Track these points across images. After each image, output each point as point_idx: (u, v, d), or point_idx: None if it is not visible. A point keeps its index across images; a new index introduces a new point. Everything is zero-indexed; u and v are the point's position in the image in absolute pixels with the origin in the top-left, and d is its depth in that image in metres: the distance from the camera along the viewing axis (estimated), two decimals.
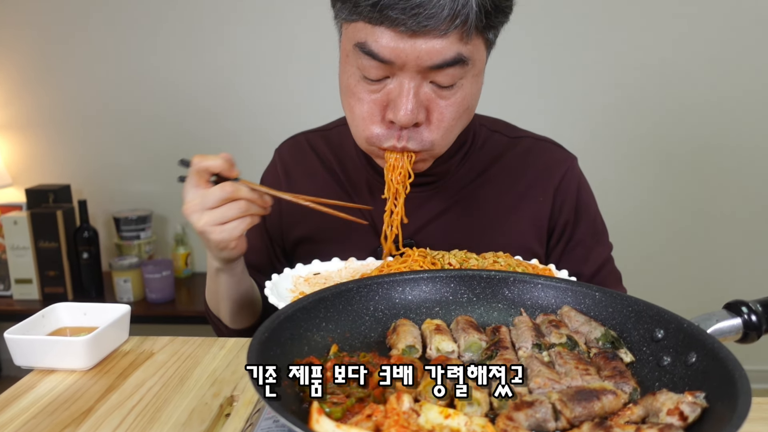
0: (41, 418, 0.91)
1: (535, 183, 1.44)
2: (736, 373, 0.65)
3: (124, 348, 1.16)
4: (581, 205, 1.46)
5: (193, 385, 1.01)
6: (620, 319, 0.87)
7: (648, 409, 0.69)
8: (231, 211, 1.14)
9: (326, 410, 0.67)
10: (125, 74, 3.42)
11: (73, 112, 3.49)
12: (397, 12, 1.03)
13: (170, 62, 3.39)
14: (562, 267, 1.43)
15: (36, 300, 3.19)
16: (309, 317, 0.85)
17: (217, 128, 3.42)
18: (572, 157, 1.49)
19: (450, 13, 1.03)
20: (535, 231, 1.43)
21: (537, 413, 0.68)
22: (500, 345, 0.84)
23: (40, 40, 3.41)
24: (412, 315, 0.94)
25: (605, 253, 1.47)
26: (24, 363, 1.05)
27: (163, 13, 3.32)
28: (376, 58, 1.10)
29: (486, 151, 1.45)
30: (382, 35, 1.07)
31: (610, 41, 3.22)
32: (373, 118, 1.18)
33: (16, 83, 3.47)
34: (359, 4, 1.06)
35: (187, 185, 1.16)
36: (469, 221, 1.42)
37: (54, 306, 1.15)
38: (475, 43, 1.11)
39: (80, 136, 3.52)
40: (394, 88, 1.14)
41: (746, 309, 0.84)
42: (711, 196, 3.35)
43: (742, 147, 3.27)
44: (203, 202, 1.13)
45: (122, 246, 3.35)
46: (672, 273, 3.44)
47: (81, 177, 3.54)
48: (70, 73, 3.44)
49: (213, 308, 1.44)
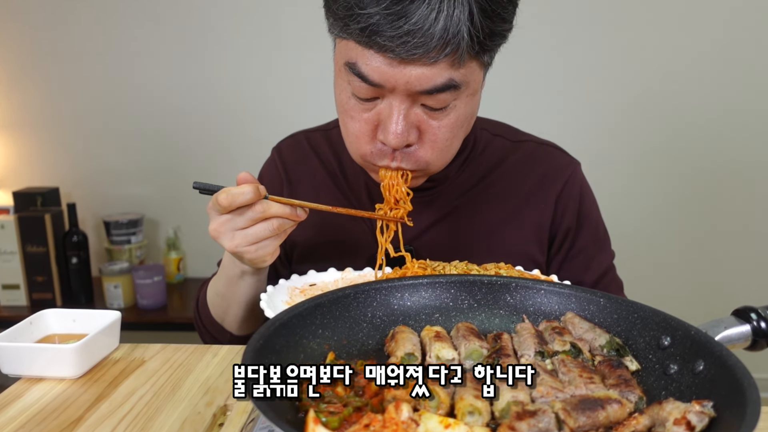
0: (29, 427, 0.91)
1: (537, 189, 1.44)
2: (744, 381, 0.65)
3: (115, 356, 1.16)
4: (584, 212, 1.46)
5: (185, 394, 1.01)
6: (626, 326, 0.87)
7: (654, 419, 0.69)
8: (264, 231, 1.13)
9: (323, 420, 0.67)
10: (115, 75, 3.41)
11: (62, 112, 3.48)
12: (386, 39, 1.02)
13: (161, 64, 3.38)
14: (563, 274, 1.44)
15: (24, 306, 3.17)
16: (305, 324, 0.85)
17: (209, 131, 3.42)
18: (575, 162, 1.49)
19: (440, 43, 1.01)
20: (536, 238, 1.43)
21: (540, 423, 0.68)
22: (502, 352, 0.84)
23: (28, 39, 3.40)
24: (411, 322, 0.94)
25: (607, 261, 1.47)
26: (11, 371, 1.05)
27: (154, 15, 3.32)
28: (365, 81, 1.09)
29: (487, 156, 1.45)
30: (372, 58, 1.06)
31: (620, 44, 3.22)
32: (366, 137, 1.18)
33: (3, 82, 3.46)
34: (349, 26, 1.05)
35: (213, 208, 1.14)
36: (468, 227, 1.41)
37: (42, 312, 1.15)
38: (469, 67, 1.10)
39: (69, 137, 3.51)
40: (384, 109, 1.13)
41: (755, 315, 0.84)
42: (719, 202, 3.35)
43: (750, 151, 3.28)
44: (233, 224, 1.13)
45: (112, 251, 3.34)
46: (679, 279, 3.44)
47: (70, 179, 3.53)
48: (59, 72, 3.44)
49: (218, 316, 1.41)
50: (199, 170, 3.44)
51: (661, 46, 3.21)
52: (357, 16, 1.02)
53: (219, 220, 1.14)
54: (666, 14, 3.17)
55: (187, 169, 3.46)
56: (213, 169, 3.44)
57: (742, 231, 3.37)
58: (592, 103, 3.30)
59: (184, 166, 3.47)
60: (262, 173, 1.58)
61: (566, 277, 1.43)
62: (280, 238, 1.16)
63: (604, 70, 3.26)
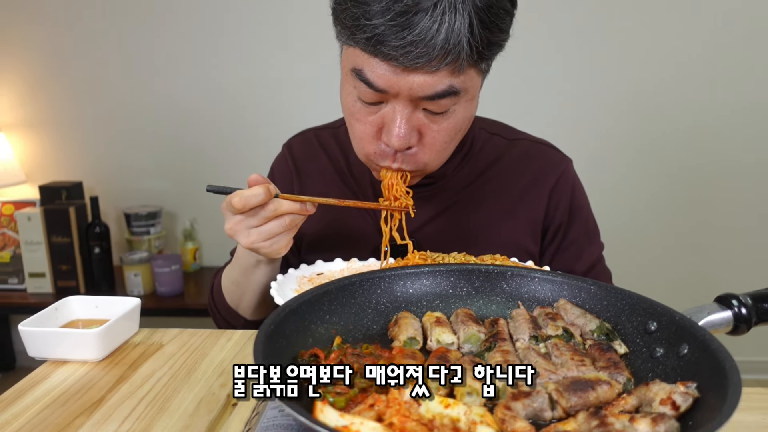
0: (54, 407, 0.92)
1: (531, 185, 1.44)
2: (726, 364, 0.65)
3: (135, 340, 1.16)
4: (575, 206, 1.46)
5: (201, 376, 1.01)
6: (614, 312, 0.87)
7: (641, 399, 0.69)
8: (277, 228, 1.14)
9: (330, 400, 0.67)
10: (135, 78, 3.42)
11: (85, 111, 3.49)
12: (390, 49, 1.02)
13: (177, 69, 3.39)
14: (555, 265, 1.44)
15: (49, 293, 3.19)
16: (313, 310, 0.85)
17: (222, 130, 3.43)
18: (567, 159, 1.50)
19: (441, 52, 1.02)
20: (530, 231, 1.43)
21: (534, 403, 0.68)
22: (498, 337, 0.84)
23: (53, 41, 3.41)
24: (413, 308, 0.94)
25: (597, 252, 1.48)
26: (37, 354, 1.06)
27: (173, 15, 3.33)
28: (371, 87, 1.10)
29: (484, 153, 1.46)
30: (378, 66, 1.07)
31: (612, 48, 3.21)
32: (371, 138, 1.19)
33: (30, 84, 3.47)
34: (356, 35, 1.06)
35: (227, 208, 1.15)
36: (466, 221, 1.42)
37: (66, 299, 1.16)
38: (468, 74, 1.10)
39: (92, 134, 3.51)
40: (388, 113, 1.14)
41: (737, 302, 0.84)
42: (704, 198, 3.36)
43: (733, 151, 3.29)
44: (248, 223, 1.14)
45: (132, 241, 3.35)
46: (666, 269, 3.45)
47: (93, 174, 3.54)
48: (82, 73, 3.44)
49: (233, 302, 1.41)
50: (213, 166, 3.45)
51: (652, 49, 3.20)
52: (363, 26, 1.03)
53: (234, 220, 1.15)
54: (656, 19, 3.17)
55: (202, 166, 3.47)
56: (226, 165, 3.44)
57: (725, 224, 3.38)
58: (584, 104, 3.30)
59: (200, 163, 3.48)
60: (273, 168, 1.58)
61: (558, 267, 1.43)
62: (292, 231, 1.18)
63: (597, 73, 3.26)
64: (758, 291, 0.86)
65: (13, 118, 3.52)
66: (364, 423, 0.60)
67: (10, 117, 3.52)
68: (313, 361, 0.77)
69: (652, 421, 0.61)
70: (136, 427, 0.86)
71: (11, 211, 3.29)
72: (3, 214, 3.31)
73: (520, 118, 1.82)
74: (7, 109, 3.51)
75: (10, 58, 3.46)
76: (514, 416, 0.66)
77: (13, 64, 3.46)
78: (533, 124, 1.75)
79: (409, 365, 0.71)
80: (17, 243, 3.26)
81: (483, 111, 1.47)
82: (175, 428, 0.86)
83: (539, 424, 0.68)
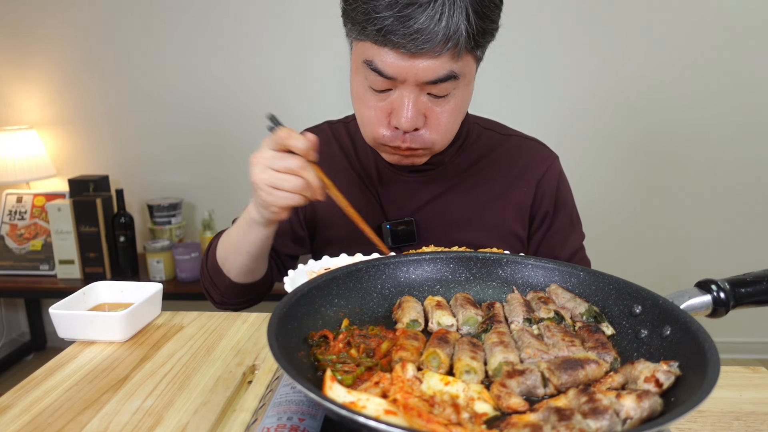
0: (82, 385, 0.92)
1: (521, 175, 1.47)
2: (706, 344, 0.65)
3: (157, 322, 1.16)
4: (560, 198, 1.49)
5: (218, 355, 1.02)
6: (602, 296, 0.87)
7: (627, 377, 0.69)
8: (288, 183, 1.11)
9: (338, 378, 0.67)
10: (157, 77, 3.41)
11: (111, 109, 3.48)
12: (398, 37, 1.08)
13: (197, 68, 3.38)
14: (542, 250, 1.49)
15: (78, 279, 3.19)
16: (323, 294, 0.85)
17: (239, 125, 3.42)
18: (554, 155, 1.53)
19: (443, 38, 1.08)
20: (518, 216, 1.46)
21: (527, 380, 0.68)
22: (495, 319, 0.84)
23: (81, 43, 3.40)
24: (415, 292, 0.94)
25: (578, 242, 1.52)
26: (67, 335, 1.06)
27: (195, 10, 3.31)
28: (381, 75, 1.15)
29: (479, 145, 1.49)
30: (387, 55, 1.13)
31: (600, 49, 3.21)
32: (380, 123, 1.23)
33: (60, 83, 3.47)
34: (366, 29, 1.12)
35: (266, 142, 1.14)
36: (461, 203, 1.44)
37: (94, 284, 1.16)
38: (465, 60, 1.16)
39: (118, 131, 3.52)
40: (396, 99, 1.19)
41: (715, 287, 0.84)
42: (685, 192, 3.37)
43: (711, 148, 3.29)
44: (271, 161, 1.12)
45: (155, 230, 3.35)
46: (649, 256, 3.45)
47: (118, 168, 3.54)
48: (108, 73, 3.44)
49: (221, 258, 1.39)
50: (231, 160, 3.45)
51: (637, 53, 3.20)
52: (374, 19, 1.09)
53: (264, 154, 1.13)
54: (645, 20, 3.15)
55: (220, 160, 3.47)
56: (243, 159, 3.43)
57: (704, 215, 3.38)
58: (571, 104, 3.30)
59: (218, 157, 3.47)
60: None
61: (544, 252, 1.48)
62: (294, 199, 1.13)
63: (583, 74, 3.26)
64: (735, 277, 0.86)
65: (44, 117, 3.52)
66: (370, 399, 0.60)
67: (41, 115, 3.52)
68: (323, 341, 0.77)
69: (637, 398, 0.61)
70: (159, 403, 0.87)
71: (42, 203, 3.31)
72: (35, 205, 3.32)
73: (510, 116, 1.82)
74: (39, 108, 3.51)
75: (41, 59, 3.45)
76: (509, 393, 0.66)
77: (44, 64, 3.46)
78: (523, 123, 1.75)
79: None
80: (48, 232, 3.27)
81: (476, 111, 1.49)
82: (195, 404, 0.87)
83: (532, 400, 0.68)
